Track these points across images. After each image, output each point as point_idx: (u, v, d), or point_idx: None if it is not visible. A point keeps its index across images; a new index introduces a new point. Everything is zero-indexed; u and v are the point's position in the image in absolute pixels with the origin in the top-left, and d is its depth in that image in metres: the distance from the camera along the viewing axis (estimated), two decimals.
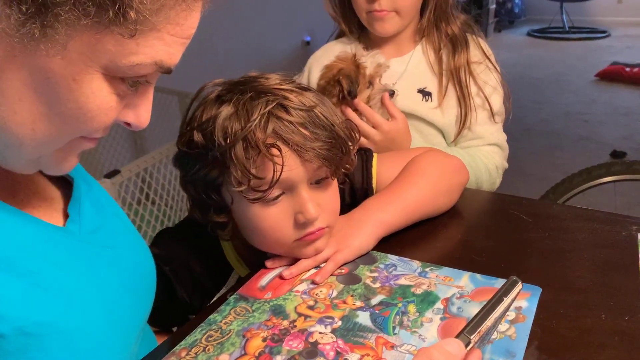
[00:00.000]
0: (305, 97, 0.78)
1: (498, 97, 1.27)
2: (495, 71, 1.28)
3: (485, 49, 1.29)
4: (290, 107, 0.75)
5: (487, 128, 1.27)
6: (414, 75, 1.27)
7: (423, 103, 1.26)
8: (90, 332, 0.59)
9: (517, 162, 3.39)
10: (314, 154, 0.75)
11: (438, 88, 1.25)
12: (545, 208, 1.05)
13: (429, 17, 1.26)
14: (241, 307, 0.76)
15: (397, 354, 0.66)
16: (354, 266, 0.84)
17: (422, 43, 1.29)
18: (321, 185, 0.80)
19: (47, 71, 0.47)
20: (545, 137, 3.80)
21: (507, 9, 7.57)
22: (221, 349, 0.68)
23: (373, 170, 0.96)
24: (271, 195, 0.77)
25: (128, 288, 0.69)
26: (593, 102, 4.49)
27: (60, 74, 0.47)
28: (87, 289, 0.61)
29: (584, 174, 1.77)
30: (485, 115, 1.26)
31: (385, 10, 1.20)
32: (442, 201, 0.96)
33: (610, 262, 0.83)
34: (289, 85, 0.79)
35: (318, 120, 0.77)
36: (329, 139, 0.77)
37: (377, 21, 1.22)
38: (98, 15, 0.45)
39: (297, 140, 0.75)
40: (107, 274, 0.66)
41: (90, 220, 0.67)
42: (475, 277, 0.79)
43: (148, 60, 0.49)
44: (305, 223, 0.78)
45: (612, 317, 0.71)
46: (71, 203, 0.65)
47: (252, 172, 0.74)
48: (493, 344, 0.66)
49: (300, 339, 0.69)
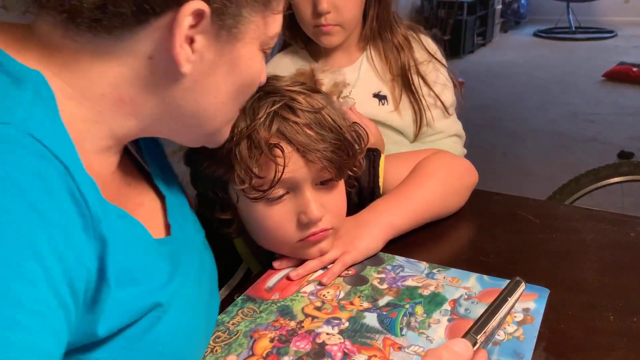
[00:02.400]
0: (313, 99, 0.78)
1: (449, 91, 1.33)
2: (443, 66, 1.33)
3: (430, 48, 1.32)
4: (297, 108, 0.76)
5: (444, 122, 1.32)
6: (366, 80, 1.30)
7: (380, 107, 1.29)
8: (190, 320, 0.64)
9: (524, 163, 3.39)
10: (319, 156, 0.75)
11: (391, 92, 1.30)
12: (553, 209, 1.04)
13: (371, 26, 1.29)
14: (249, 308, 0.76)
15: (404, 355, 0.66)
16: (361, 267, 0.84)
17: (368, 49, 1.32)
18: (326, 187, 0.80)
19: (237, 59, 0.59)
20: (552, 138, 3.79)
21: (513, 10, 7.56)
22: (229, 350, 0.68)
23: (380, 170, 0.96)
24: (274, 195, 0.77)
25: (210, 284, 0.73)
26: (600, 102, 4.47)
27: (243, 59, 0.59)
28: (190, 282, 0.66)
29: (591, 175, 1.77)
30: (439, 112, 1.31)
31: (330, 25, 1.22)
32: (450, 203, 0.96)
33: (618, 263, 0.83)
34: (299, 87, 0.79)
35: (325, 122, 0.77)
36: (335, 141, 0.77)
37: (323, 35, 1.24)
38: (263, 1, 0.58)
39: (301, 140, 0.75)
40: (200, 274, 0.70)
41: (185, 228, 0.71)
42: (482, 278, 0.79)
43: (279, 29, 0.62)
44: (309, 223, 0.78)
45: (621, 318, 0.71)
46: (170, 213, 0.69)
47: (254, 171, 0.74)
48: (501, 345, 0.66)
49: (307, 340, 0.69)
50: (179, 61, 0.53)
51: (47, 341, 0.42)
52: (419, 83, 1.29)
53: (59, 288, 0.44)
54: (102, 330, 0.52)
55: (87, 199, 0.48)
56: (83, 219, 0.48)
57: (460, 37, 5.98)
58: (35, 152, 0.45)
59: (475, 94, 4.75)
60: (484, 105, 4.49)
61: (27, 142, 0.45)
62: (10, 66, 0.50)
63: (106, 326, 0.52)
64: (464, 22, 5.97)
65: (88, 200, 0.48)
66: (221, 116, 0.64)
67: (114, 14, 0.50)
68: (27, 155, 0.45)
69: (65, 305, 0.45)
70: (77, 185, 0.48)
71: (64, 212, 0.46)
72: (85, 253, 0.48)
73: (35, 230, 0.43)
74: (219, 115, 0.63)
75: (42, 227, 0.44)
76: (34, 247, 0.43)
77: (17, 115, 0.46)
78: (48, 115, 0.50)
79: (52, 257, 0.44)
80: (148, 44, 0.53)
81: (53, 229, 0.44)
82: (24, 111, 0.47)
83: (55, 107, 0.51)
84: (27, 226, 0.43)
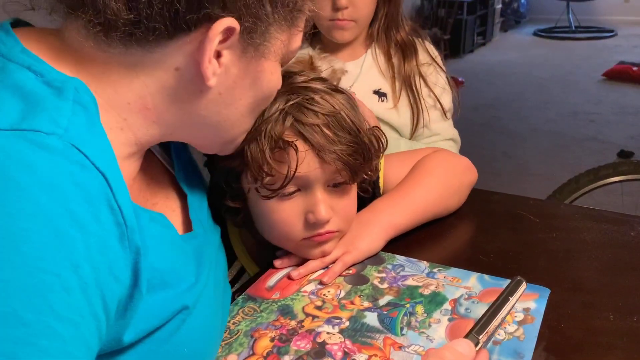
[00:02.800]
0: (334, 99, 0.77)
1: (448, 96, 1.35)
2: (443, 72, 1.35)
3: (432, 52, 1.35)
4: (312, 108, 0.74)
5: (442, 125, 1.34)
6: (368, 77, 1.32)
7: (379, 104, 1.31)
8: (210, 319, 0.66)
9: (524, 162, 3.39)
10: (334, 157, 0.74)
11: (391, 90, 1.31)
12: (553, 208, 1.05)
13: (379, 24, 1.31)
14: (249, 307, 0.76)
15: (404, 354, 0.66)
16: (362, 267, 0.84)
17: (372, 47, 1.34)
18: (339, 190, 0.79)
19: (260, 72, 0.60)
20: (552, 137, 3.79)
21: (513, 9, 7.56)
22: (229, 349, 0.69)
23: (380, 169, 0.96)
24: (286, 191, 0.76)
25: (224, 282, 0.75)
26: (600, 101, 4.47)
27: (265, 72, 0.61)
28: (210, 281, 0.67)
29: (591, 174, 1.77)
30: (437, 114, 1.33)
31: (346, 20, 1.24)
32: (451, 201, 0.96)
33: (618, 262, 0.83)
34: (320, 84, 0.78)
35: (343, 123, 0.75)
36: (351, 144, 0.76)
37: (337, 30, 1.26)
38: (290, 19, 0.59)
39: (318, 140, 0.74)
40: (217, 272, 0.72)
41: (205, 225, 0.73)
42: (483, 278, 0.79)
43: (300, 44, 0.64)
44: (316, 224, 0.78)
45: (621, 317, 0.71)
46: (191, 211, 0.71)
47: (265, 169, 0.74)
48: (501, 344, 0.66)
49: (308, 339, 0.69)
50: (206, 75, 0.54)
51: (79, 350, 0.43)
52: (420, 83, 1.31)
53: (92, 298, 0.45)
54: (128, 337, 0.52)
55: (123, 209, 0.49)
56: (119, 228, 0.49)
57: (460, 36, 5.98)
58: (77, 162, 0.46)
59: (475, 93, 4.75)
60: (484, 104, 4.49)
61: (69, 153, 0.46)
62: (51, 76, 0.51)
63: (134, 332, 0.53)
64: (464, 22, 5.97)
65: (123, 210, 0.49)
66: (239, 127, 0.66)
67: (148, 28, 0.51)
68: (70, 165, 0.46)
69: (97, 315, 0.46)
70: (114, 194, 0.49)
71: (102, 223, 0.47)
72: (120, 264, 0.49)
73: (73, 239, 0.44)
74: (237, 126, 0.65)
75: (81, 236, 0.44)
76: (71, 256, 0.44)
77: (61, 125, 0.47)
78: (89, 124, 0.51)
79: (88, 267, 0.45)
80: (177, 57, 0.54)
81: (91, 239, 0.45)
82: (67, 121, 0.48)
83: (97, 114, 0.52)
84: (66, 235, 0.44)
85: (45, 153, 0.45)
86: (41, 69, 0.51)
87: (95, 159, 0.48)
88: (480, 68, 5.67)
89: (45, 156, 0.45)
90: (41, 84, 0.50)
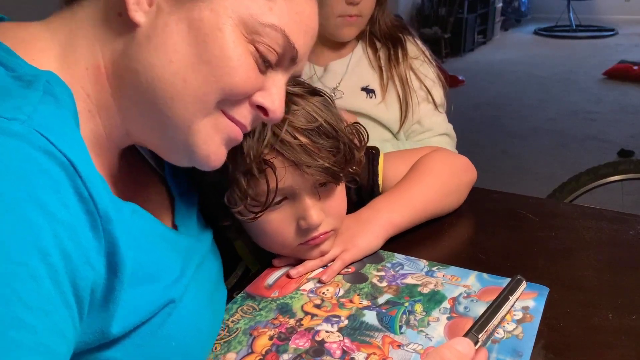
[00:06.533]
0: (309, 104, 0.75)
1: (439, 90, 1.34)
2: (432, 65, 1.34)
3: (419, 45, 1.34)
4: (291, 124, 0.72)
5: (435, 119, 1.33)
6: (355, 74, 1.32)
7: (367, 100, 1.30)
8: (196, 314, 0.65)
9: (524, 161, 3.39)
10: (315, 170, 0.73)
11: (380, 85, 1.30)
12: (552, 207, 1.04)
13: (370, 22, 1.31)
14: (248, 306, 0.76)
15: (403, 353, 0.66)
16: (361, 265, 0.84)
17: (360, 43, 1.33)
18: (326, 188, 0.79)
19: (199, 22, 0.54)
20: (552, 136, 3.79)
21: (514, 8, 7.56)
22: (228, 347, 0.69)
23: (379, 168, 0.96)
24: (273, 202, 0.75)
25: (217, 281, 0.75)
26: (600, 100, 4.47)
27: (209, 25, 0.54)
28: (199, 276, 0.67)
29: (591, 173, 1.77)
30: (430, 107, 1.32)
31: (355, 16, 1.23)
32: (450, 200, 0.96)
33: (617, 261, 0.83)
34: (298, 89, 0.75)
35: (321, 129, 0.74)
36: (332, 149, 0.75)
37: (346, 27, 1.26)
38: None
39: (297, 156, 0.72)
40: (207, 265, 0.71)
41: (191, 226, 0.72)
42: (482, 276, 0.79)
43: (279, 25, 0.56)
44: (309, 229, 0.78)
45: (620, 316, 0.71)
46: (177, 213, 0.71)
47: (249, 193, 0.72)
48: (500, 343, 0.66)
49: (306, 338, 0.69)
50: (128, 4, 0.52)
51: (52, 340, 0.42)
52: (410, 76, 1.30)
53: (63, 286, 0.44)
54: (116, 329, 0.52)
55: (95, 197, 0.48)
56: (90, 217, 0.48)
57: (461, 35, 5.98)
58: (41, 148, 0.45)
59: (476, 92, 4.75)
60: (484, 103, 4.50)
61: (33, 138, 0.45)
62: (23, 71, 0.50)
63: (121, 324, 0.52)
64: (465, 20, 5.97)
65: (95, 198, 0.48)
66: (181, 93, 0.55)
67: None
68: (34, 151, 0.44)
69: (68, 303, 0.45)
70: (84, 182, 0.47)
71: (70, 210, 0.46)
72: (92, 252, 0.48)
73: (40, 226, 0.43)
74: (177, 90, 0.55)
75: (48, 223, 0.43)
76: (38, 244, 0.42)
77: (24, 112, 0.46)
78: (59, 114, 0.49)
79: (57, 254, 0.43)
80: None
81: (58, 226, 0.44)
82: (32, 108, 0.47)
83: (72, 105, 0.52)
84: (32, 222, 0.42)
85: (6, 138, 0.43)
86: (14, 64, 0.50)
87: (62, 146, 0.46)
88: (480, 67, 5.67)
89: (7, 141, 0.43)
90: (10, 79, 0.49)
